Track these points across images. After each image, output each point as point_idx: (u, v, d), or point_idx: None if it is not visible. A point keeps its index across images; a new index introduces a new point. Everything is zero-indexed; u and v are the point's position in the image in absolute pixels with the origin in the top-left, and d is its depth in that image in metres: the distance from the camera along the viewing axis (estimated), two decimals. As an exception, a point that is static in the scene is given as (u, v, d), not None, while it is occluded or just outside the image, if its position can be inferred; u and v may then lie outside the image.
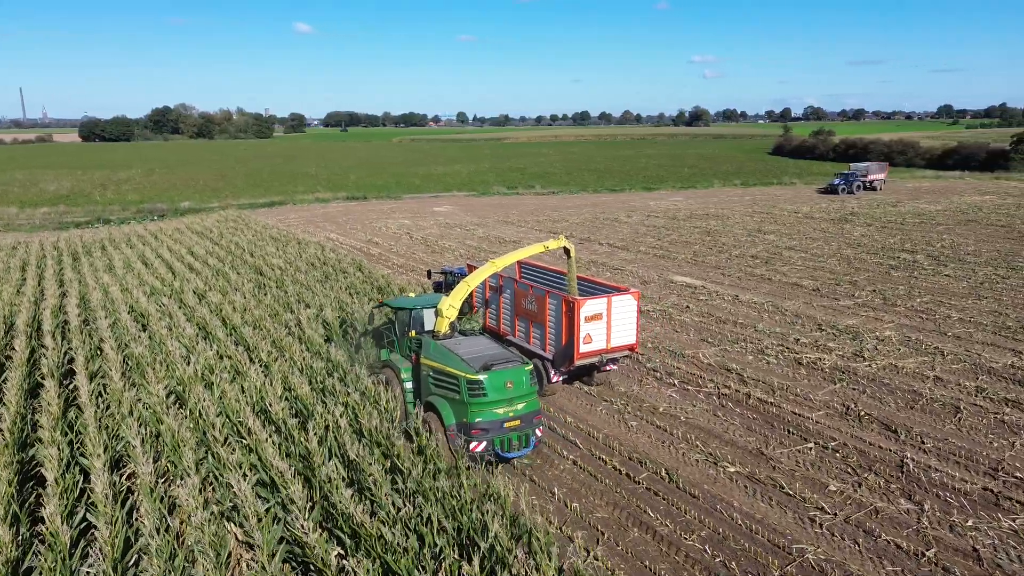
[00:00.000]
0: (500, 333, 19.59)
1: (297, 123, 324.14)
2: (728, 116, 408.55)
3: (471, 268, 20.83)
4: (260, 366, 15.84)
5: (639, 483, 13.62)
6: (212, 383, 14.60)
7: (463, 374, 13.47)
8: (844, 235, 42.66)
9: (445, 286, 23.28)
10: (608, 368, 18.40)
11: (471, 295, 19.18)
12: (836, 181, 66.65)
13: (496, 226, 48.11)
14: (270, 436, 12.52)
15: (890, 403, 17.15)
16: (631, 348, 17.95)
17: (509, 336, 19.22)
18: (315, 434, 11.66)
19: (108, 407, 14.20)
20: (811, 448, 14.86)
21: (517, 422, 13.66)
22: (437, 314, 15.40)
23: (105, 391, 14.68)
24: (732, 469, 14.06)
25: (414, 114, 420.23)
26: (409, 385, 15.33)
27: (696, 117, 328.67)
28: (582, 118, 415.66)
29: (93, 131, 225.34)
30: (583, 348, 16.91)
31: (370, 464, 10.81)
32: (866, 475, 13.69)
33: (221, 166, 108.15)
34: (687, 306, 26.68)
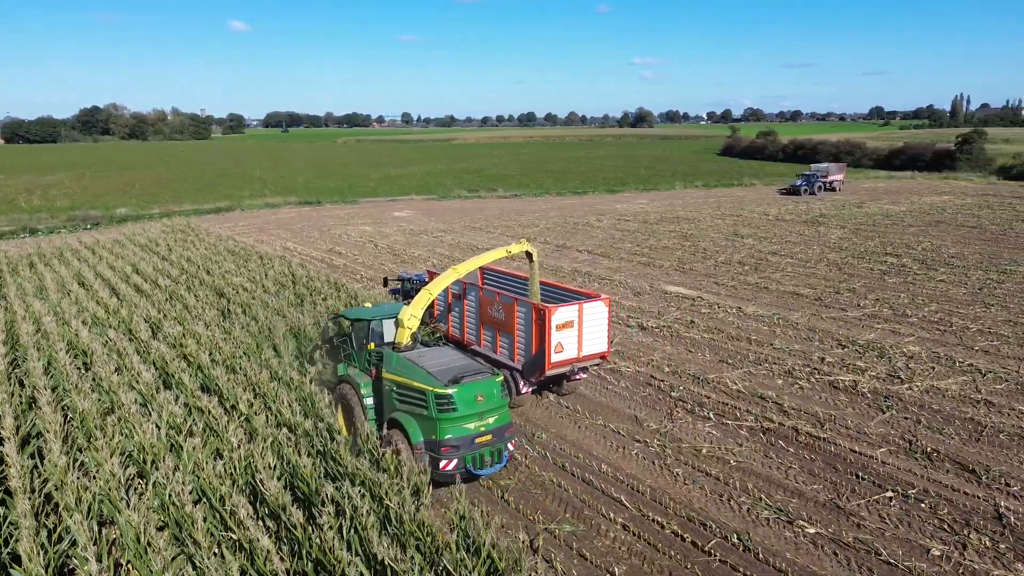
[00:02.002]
0: (464, 343, 18.25)
1: (236, 124, 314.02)
2: (671, 117, 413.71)
3: (431, 275, 19.40)
4: (240, 420, 13.03)
5: (710, 554, 11.46)
6: (182, 447, 11.74)
7: (431, 388, 12.60)
8: (822, 238, 41.82)
9: (403, 294, 21.94)
10: (578, 377, 17.55)
11: (432, 304, 17.95)
12: (798, 182, 66.66)
13: (464, 232, 45.59)
14: (263, 521, 9.86)
15: (952, 435, 15.50)
16: (602, 356, 17.01)
17: (474, 346, 17.96)
18: (330, 527, 9.01)
19: (46, 482, 11.27)
20: (891, 498, 12.98)
21: (489, 437, 12.86)
22: (398, 324, 14.22)
23: (42, 464, 11.65)
24: (811, 530, 12.05)
25: (357, 114, 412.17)
26: (370, 401, 14.25)
27: (640, 118, 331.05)
28: (528, 119, 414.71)
29: (16, 132, 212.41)
30: (555, 357, 15.99)
31: (410, 570, 8.27)
32: (966, 532, 11.87)
33: (158, 169, 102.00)
34: (691, 321, 24.81)
